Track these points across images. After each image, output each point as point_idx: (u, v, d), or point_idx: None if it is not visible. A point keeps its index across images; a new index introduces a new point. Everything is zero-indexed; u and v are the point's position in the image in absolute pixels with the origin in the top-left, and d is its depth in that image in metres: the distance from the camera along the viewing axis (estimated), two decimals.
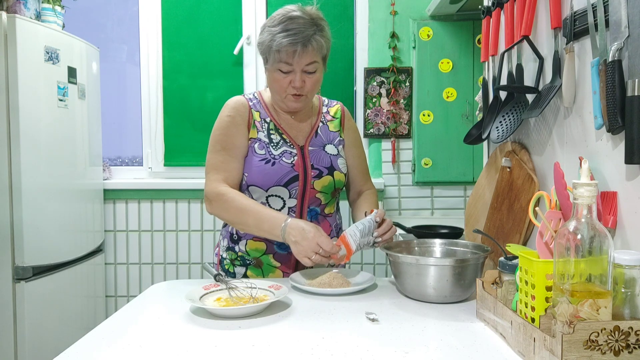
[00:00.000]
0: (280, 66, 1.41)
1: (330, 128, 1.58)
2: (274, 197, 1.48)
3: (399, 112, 2.86)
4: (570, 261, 0.80)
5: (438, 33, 2.80)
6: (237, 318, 1.10)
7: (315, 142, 1.54)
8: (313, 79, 1.45)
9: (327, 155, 1.53)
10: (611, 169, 1.00)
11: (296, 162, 1.48)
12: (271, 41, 1.39)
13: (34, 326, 2.19)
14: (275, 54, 1.39)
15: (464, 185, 2.88)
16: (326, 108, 1.62)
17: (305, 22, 1.39)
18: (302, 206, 1.50)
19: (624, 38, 0.93)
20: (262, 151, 1.48)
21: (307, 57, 1.40)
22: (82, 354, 0.94)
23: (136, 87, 2.98)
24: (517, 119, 1.36)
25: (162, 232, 2.87)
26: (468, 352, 0.92)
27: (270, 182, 1.46)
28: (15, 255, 2.14)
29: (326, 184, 1.50)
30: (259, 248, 1.51)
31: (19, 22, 2.14)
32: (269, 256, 1.51)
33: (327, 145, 1.55)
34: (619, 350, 0.77)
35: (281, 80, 1.43)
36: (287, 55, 1.38)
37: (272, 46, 1.39)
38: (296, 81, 1.42)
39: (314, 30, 1.40)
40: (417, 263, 1.21)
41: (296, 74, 1.42)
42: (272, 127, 1.52)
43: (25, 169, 2.16)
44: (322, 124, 1.58)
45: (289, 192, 1.48)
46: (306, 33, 1.38)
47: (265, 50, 1.43)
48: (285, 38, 1.37)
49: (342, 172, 1.54)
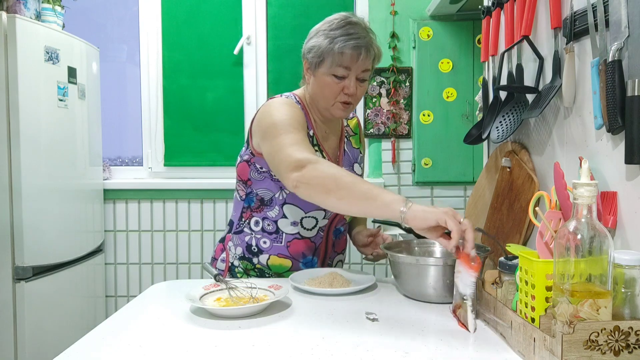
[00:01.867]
0: (337, 70, 1.36)
1: (353, 144, 1.57)
2: (309, 218, 1.45)
3: (399, 112, 2.86)
4: (570, 261, 0.80)
5: (438, 33, 2.80)
6: (237, 318, 1.10)
7: (346, 161, 1.52)
8: (363, 87, 1.42)
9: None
10: (611, 169, 1.00)
11: None
12: (331, 44, 1.34)
13: (34, 326, 2.19)
14: (337, 57, 1.34)
15: (464, 185, 2.88)
16: (346, 121, 1.58)
17: (364, 28, 1.39)
18: (331, 226, 1.49)
19: (624, 38, 0.93)
20: None
21: (366, 63, 1.38)
22: (82, 354, 0.94)
23: (136, 87, 2.98)
24: (517, 119, 1.36)
25: (162, 232, 2.87)
26: (468, 352, 0.92)
27: (312, 205, 1.36)
28: (15, 255, 2.14)
29: None
30: (284, 265, 1.47)
31: (19, 22, 2.14)
32: (292, 273, 1.42)
33: (355, 165, 1.54)
34: (619, 350, 0.77)
35: (334, 85, 1.37)
36: (350, 58, 1.34)
37: (334, 49, 1.34)
38: (350, 87, 1.37)
39: (372, 37, 1.40)
40: (417, 263, 1.21)
41: (351, 80, 1.37)
42: (315, 143, 1.44)
43: (25, 169, 2.16)
44: (346, 140, 1.55)
45: (324, 213, 1.45)
46: (367, 39, 1.37)
47: (322, 54, 1.36)
48: (349, 41, 1.33)
49: None
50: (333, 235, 1.52)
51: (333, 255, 1.57)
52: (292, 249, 1.47)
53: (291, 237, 1.46)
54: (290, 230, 1.46)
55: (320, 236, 1.48)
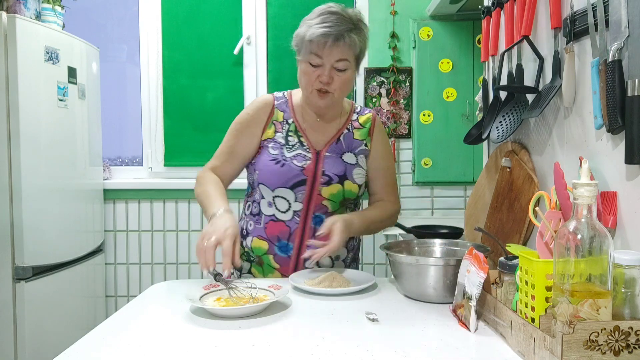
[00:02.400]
0: (311, 58, 1.40)
1: (356, 136, 1.55)
2: (279, 198, 1.49)
3: (399, 112, 2.86)
4: (570, 261, 0.80)
5: (438, 33, 2.80)
6: (237, 318, 1.10)
7: (334, 149, 1.52)
8: (342, 77, 1.42)
9: (342, 164, 1.50)
10: (611, 169, 1.00)
11: (307, 167, 1.47)
12: (306, 31, 1.39)
13: (34, 326, 2.19)
14: (307, 44, 1.38)
15: (464, 185, 2.88)
16: (356, 115, 1.59)
17: (343, 18, 1.39)
18: (308, 211, 1.49)
19: (624, 38, 0.93)
20: (275, 152, 1.49)
21: (337, 52, 1.38)
22: (82, 354, 0.94)
23: (136, 87, 2.98)
24: (517, 119, 1.36)
25: (162, 232, 2.87)
26: (468, 352, 0.92)
27: (276, 183, 1.47)
28: (15, 255, 2.14)
29: (334, 192, 1.48)
30: (262, 247, 1.51)
31: (19, 22, 2.14)
32: (270, 256, 1.51)
33: (345, 154, 1.52)
34: (619, 350, 0.77)
35: (310, 73, 1.42)
36: (317, 46, 1.37)
37: (306, 36, 1.38)
38: (324, 76, 1.40)
39: (350, 28, 1.39)
40: (417, 263, 1.21)
41: (325, 68, 1.40)
42: (292, 129, 1.52)
43: (25, 169, 2.16)
44: (347, 130, 1.55)
45: (294, 195, 1.47)
46: (341, 28, 1.37)
47: (299, 41, 1.42)
48: (319, 29, 1.36)
49: (356, 183, 1.50)
50: (312, 223, 1.49)
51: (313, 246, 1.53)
52: (269, 230, 1.50)
53: (268, 218, 1.51)
54: (268, 212, 1.51)
55: (296, 221, 1.48)
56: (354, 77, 1.48)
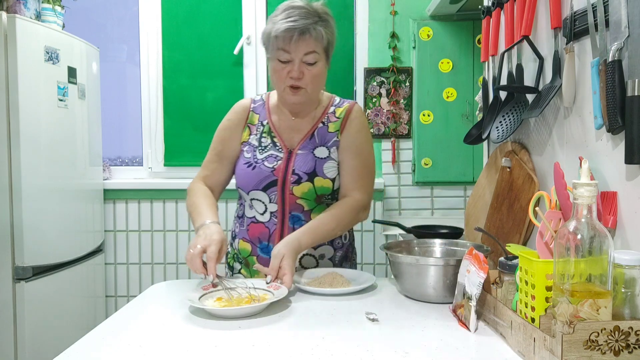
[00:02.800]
0: (279, 54, 1.38)
1: (330, 129, 1.49)
2: (256, 200, 1.49)
3: (399, 112, 2.86)
4: (570, 261, 0.80)
5: (438, 33, 2.80)
6: (237, 318, 1.10)
7: (307, 145, 1.48)
8: (313, 71, 1.40)
9: (313, 159, 1.46)
10: (611, 169, 1.00)
11: (278, 167, 1.45)
12: (271, 28, 1.37)
13: (34, 326, 2.19)
14: (274, 41, 1.37)
15: (464, 185, 2.88)
16: (334, 108, 1.53)
17: (308, 12, 1.37)
18: (284, 211, 1.47)
19: (624, 38, 0.93)
20: (249, 155, 1.50)
21: (304, 46, 1.36)
22: (82, 354, 0.94)
23: (136, 87, 2.98)
24: (517, 119, 1.36)
25: (162, 232, 2.87)
26: (468, 352, 0.92)
27: (250, 186, 1.48)
28: (15, 255, 2.14)
29: (305, 190, 1.44)
30: (246, 249, 1.52)
31: (19, 22, 2.14)
32: (254, 258, 1.51)
33: (317, 148, 1.48)
34: (619, 350, 0.77)
35: (280, 70, 1.40)
36: (284, 41, 1.35)
37: (271, 32, 1.37)
38: (294, 71, 1.38)
39: (315, 20, 1.37)
40: (417, 263, 1.21)
41: (294, 64, 1.38)
42: (265, 131, 1.51)
43: (25, 169, 2.16)
44: (322, 124, 1.50)
45: (268, 197, 1.47)
46: (306, 21, 1.36)
47: (266, 39, 1.41)
48: (284, 24, 1.35)
49: (327, 178, 1.45)
50: (290, 222, 1.47)
51: None
52: (251, 232, 1.51)
53: (249, 220, 1.52)
54: (249, 214, 1.52)
55: (274, 222, 1.47)
56: (326, 71, 1.46)
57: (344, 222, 1.45)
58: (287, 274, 1.28)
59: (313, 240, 1.41)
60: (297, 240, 1.36)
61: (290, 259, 1.32)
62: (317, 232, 1.41)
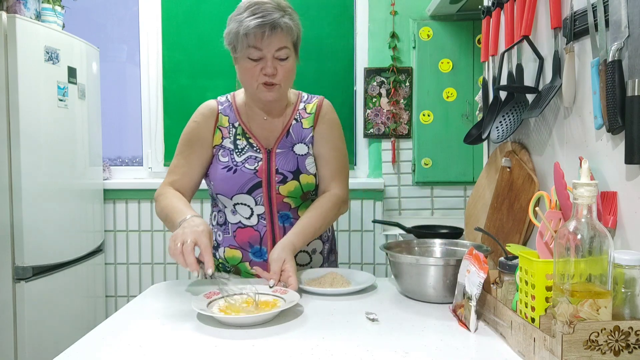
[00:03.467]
0: (250, 52, 1.35)
1: (304, 125, 1.49)
2: (240, 205, 1.46)
3: (399, 112, 2.86)
4: (570, 261, 0.80)
5: (438, 33, 2.80)
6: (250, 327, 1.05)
7: (285, 143, 1.47)
8: (285, 66, 1.38)
9: (294, 157, 1.45)
10: (611, 169, 1.00)
11: (260, 168, 1.43)
12: (238, 27, 1.34)
13: (34, 326, 2.19)
14: (244, 39, 1.33)
15: (464, 185, 2.88)
16: (303, 104, 1.52)
17: (272, 6, 1.35)
18: (272, 212, 1.46)
19: (624, 38, 0.93)
20: (226, 159, 1.45)
21: (276, 41, 1.34)
22: (82, 354, 0.94)
23: (136, 87, 2.98)
24: (517, 119, 1.36)
25: (162, 232, 2.87)
26: (468, 352, 0.92)
27: (233, 191, 1.43)
28: (15, 255, 2.14)
29: (292, 189, 1.44)
30: (236, 256, 1.49)
31: (19, 22, 2.14)
32: (246, 264, 1.48)
33: (296, 145, 1.47)
34: (619, 350, 0.77)
35: (251, 68, 1.37)
36: (255, 38, 1.33)
37: (240, 31, 1.33)
38: (267, 67, 1.35)
39: (282, 14, 1.35)
40: (417, 263, 1.21)
41: (267, 60, 1.35)
42: (239, 132, 1.48)
43: (25, 169, 2.16)
44: (295, 121, 1.49)
45: (254, 199, 1.44)
46: (274, 16, 1.33)
47: (233, 39, 1.37)
48: (253, 21, 1.32)
49: (311, 174, 1.46)
50: (280, 222, 1.47)
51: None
52: (238, 238, 1.48)
53: (235, 226, 1.48)
54: (233, 220, 1.48)
55: (263, 224, 1.45)
56: (295, 66, 1.43)
57: (328, 219, 1.46)
58: (292, 276, 1.27)
59: (304, 241, 1.40)
60: (291, 244, 1.36)
61: (292, 262, 1.31)
62: (306, 232, 1.41)
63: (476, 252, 1.07)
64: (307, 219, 1.43)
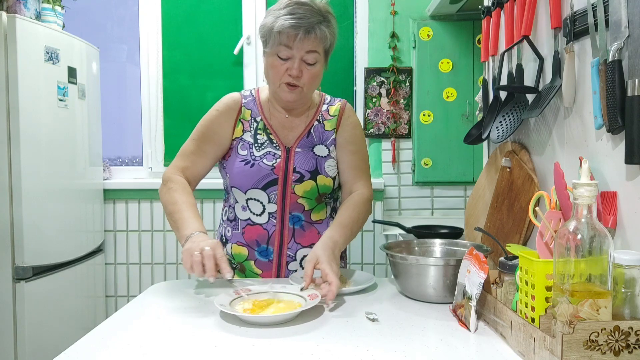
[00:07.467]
0: (280, 50, 1.35)
1: (326, 127, 1.49)
2: (253, 200, 1.45)
3: (399, 112, 2.86)
4: (570, 261, 0.80)
5: (438, 33, 2.80)
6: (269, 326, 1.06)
7: (305, 143, 1.46)
8: (312, 71, 1.38)
9: (314, 158, 1.45)
10: (611, 169, 1.00)
11: (277, 165, 1.43)
12: (274, 22, 1.33)
13: (34, 326, 2.19)
14: (276, 36, 1.33)
15: (464, 185, 2.88)
16: (326, 106, 1.52)
17: (313, 10, 1.34)
18: (284, 212, 1.45)
19: (624, 38, 0.93)
20: (245, 152, 1.45)
21: (308, 44, 1.34)
22: (82, 354, 0.93)
23: (136, 87, 2.98)
24: (517, 119, 1.36)
25: (162, 232, 2.87)
26: (468, 352, 0.92)
27: (248, 185, 1.43)
28: (15, 255, 2.14)
29: (308, 189, 1.44)
30: (242, 253, 1.48)
31: (19, 22, 2.14)
32: (251, 262, 1.48)
33: (316, 146, 1.47)
34: (619, 350, 0.77)
35: (278, 66, 1.37)
36: (287, 38, 1.32)
37: (274, 27, 1.33)
38: (294, 69, 1.35)
39: (320, 20, 1.35)
40: (417, 263, 1.21)
41: (295, 61, 1.35)
42: (260, 127, 1.47)
43: (25, 169, 2.16)
44: (317, 122, 1.49)
45: (267, 196, 1.43)
46: (311, 20, 1.33)
47: (267, 33, 1.36)
48: (288, 20, 1.31)
49: (329, 176, 1.46)
50: (290, 223, 1.46)
51: (295, 247, 1.48)
52: (247, 236, 1.47)
53: (244, 223, 1.48)
54: (243, 216, 1.48)
55: (273, 224, 1.45)
56: (322, 73, 1.43)
57: (362, 217, 1.44)
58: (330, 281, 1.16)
59: (344, 234, 1.34)
60: (330, 239, 1.29)
61: (327, 263, 1.20)
62: (344, 224, 1.36)
63: (476, 252, 1.07)
64: (342, 215, 1.40)
